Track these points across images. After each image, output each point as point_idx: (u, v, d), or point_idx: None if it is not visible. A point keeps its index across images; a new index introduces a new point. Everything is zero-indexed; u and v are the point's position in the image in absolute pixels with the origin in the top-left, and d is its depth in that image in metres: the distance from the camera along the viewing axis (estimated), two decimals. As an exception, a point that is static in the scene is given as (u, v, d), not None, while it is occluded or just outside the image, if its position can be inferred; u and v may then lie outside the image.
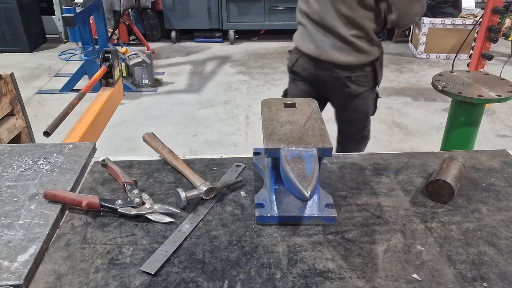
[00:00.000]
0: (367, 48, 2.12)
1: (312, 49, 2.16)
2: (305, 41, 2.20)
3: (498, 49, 5.93)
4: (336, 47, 2.10)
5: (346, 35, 2.06)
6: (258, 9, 6.56)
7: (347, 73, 2.16)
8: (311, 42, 2.16)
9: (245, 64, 5.87)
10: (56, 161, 1.25)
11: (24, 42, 6.21)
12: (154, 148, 1.32)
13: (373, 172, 1.26)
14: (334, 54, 2.11)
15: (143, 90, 5.00)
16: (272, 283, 0.88)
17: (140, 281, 0.88)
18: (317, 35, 2.14)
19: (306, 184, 0.90)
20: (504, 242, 0.99)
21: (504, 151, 1.38)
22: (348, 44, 2.09)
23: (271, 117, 1.15)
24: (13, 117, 2.34)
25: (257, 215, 1.05)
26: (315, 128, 1.09)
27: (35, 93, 4.90)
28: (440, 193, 1.13)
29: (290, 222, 1.05)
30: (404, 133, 4.03)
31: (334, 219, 1.05)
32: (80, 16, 4.15)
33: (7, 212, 1.04)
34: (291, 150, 1.01)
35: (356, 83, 2.19)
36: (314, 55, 2.16)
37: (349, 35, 2.07)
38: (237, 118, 4.30)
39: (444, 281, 0.89)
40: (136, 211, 1.06)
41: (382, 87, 5.06)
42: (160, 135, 1.39)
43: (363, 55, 2.13)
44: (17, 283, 0.85)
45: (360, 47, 2.10)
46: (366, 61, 2.15)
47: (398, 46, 6.63)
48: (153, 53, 6.08)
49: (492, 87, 2.39)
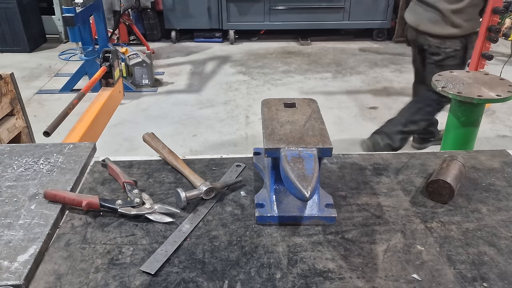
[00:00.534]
0: (462, 23, 2.64)
1: (412, 20, 2.96)
2: (410, 15, 3.02)
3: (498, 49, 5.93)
4: (432, 20, 2.73)
5: (444, 9, 2.64)
6: (258, 9, 6.56)
7: (438, 43, 2.78)
8: (413, 15, 2.95)
9: (245, 64, 5.87)
10: (56, 161, 1.25)
11: (24, 42, 6.21)
12: (154, 148, 1.32)
13: (373, 172, 1.26)
14: (429, 25, 2.76)
15: (143, 90, 5.00)
16: (272, 283, 0.88)
17: (140, 281, 0.88)
18: (418, 9, 2.87)
19: (306, 184, 0.90)
20: (504, 242, 0.99)
21: (504, 151, 1.38)
22: (444, 18, 2.66)
23: (271, 117, 1.15)
24: (13, 117, 2.34)
25: (257, 215, 1.05)
26: (315, 128, 1.09)
27: (35, 93, 4.90)
28: (440, 193, 1.13)
29: (290, 222, 1.05)
30: (404, 133, 4.02)
31: (334, 219, 1.05)
32: (80, 16, 4.15)
33: (7, 212, 1.05)
34: (291, 150, 1.01)
35: (443, 54, 2.80)
36: (414, 25, 2.93)
37: (447, 10, 2.63)
38: (237, 118, 4.30)
39: (444, 281, 0.89)
40: (136, 211, 1.06)
41: (382, 87, 5.08)
42: (160, 135, 1.39)
43: (456, 29, 2.67)
44: (17, 283, 0.85)
45: (455, 21, 2.64)
46: (457, 34, 2.71)
47: (398, 46, 6.63)
48: (153, 53, 6.08)
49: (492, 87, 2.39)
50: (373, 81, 5.27)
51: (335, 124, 4.13)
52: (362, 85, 5.15)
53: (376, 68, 5.70)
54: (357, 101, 4.70)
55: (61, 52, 6.26)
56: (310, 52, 6.38)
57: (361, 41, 6.85)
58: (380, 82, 5.26)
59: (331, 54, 6.28)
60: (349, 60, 6.01)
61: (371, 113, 4.42)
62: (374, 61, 5.98)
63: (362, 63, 5.89)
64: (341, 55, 6.24)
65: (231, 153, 1.39)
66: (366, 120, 4.27)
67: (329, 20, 6.67)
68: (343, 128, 4.09)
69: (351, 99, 4.75)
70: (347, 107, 4.54)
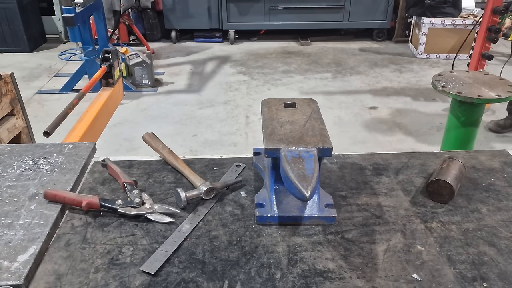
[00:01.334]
0: None
1: None
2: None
3: (498, 49, 5.93)
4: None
5: None
6: (258, 9, 6.56)
7: None
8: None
9: (245, 64, 5.87)
10: (56, 161, 1.25)
11: (24, 42, 6.21)
12: (154, 148, 1.32)
13: (373, 172, 1.26)
14: None
15: (143, 90, 5.00)
16: (272, 283, 0.88)
17: (140, 281, 0.88)
18: None
19: (306, 184, 0.90)
20: (504, 242, 0.99)
21: (504, 151, 1.38)
22: None
23: (271, 117, 1.15)
24: (13, 117, 2.34)
25: (257, 215, 1.05)
26: (315, 128, 1.09)
27: (35, 93, 4.90)
28: (440, 193, 1.13)
29: (290, 222, 1.05)
30: (404, 133, 4.03)
31: (334, 219, 1.05)
32: (80, 16, 4.15)
33: (7, 212, 1.04)
34: (291, 150, 1.01)
35: None
36: None
37: None
38: (237, 118, 4.31)
39: (444, 281, 0.89)
40: (136, 211, 1.06)
41: (382, 87, 5.09)
42: (160, 135, 1.39)
43: None
44: (17, 283, 0.85)
45: None
46: None
47: (398, 46, 6.63)
48: (153, 53, 6.08)
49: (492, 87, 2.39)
50: (373, 81, 5.27)
51: (335, 124, 4.13)
52: (362, 85, 5.15)
53: (376, 68, 5.70)
54: (357, 101, 4.70)
55: (61, 52, 6.26)
56: (310, 52, 6.38)
57: (361, 41, 6.85)
58: (380, 82, 5.26)
59: (331, 54, 6.28)
60: (349, 60, 6.01)
61: (371, 113, 4.42)
62: (374, 61, 5.98)
63: (362, 63, 5.89)
64: (341, 55, 6.24)
65: (231, 153, 1.39)
66: (366, 120, 4.27)
67: (329, 20, 6.67)
68: (343, 128, 4.09)
69: (351, 99, 4.76)
70: (347, 107, 4.54)
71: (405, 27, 6.72)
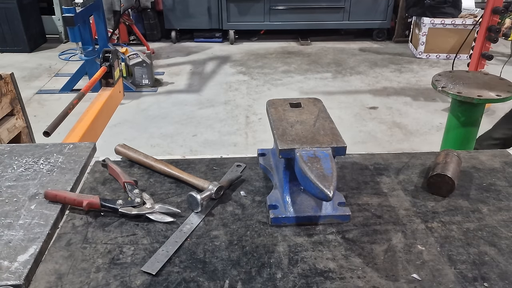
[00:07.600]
0: None
1: None
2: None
3: (498, 49, 5.93)
4: None
5: None
6: (258, 9, 6.56)
7: None
8: None
9: (245, 64, 5.87)
10: (56, 161, 1.25)
11: (24, 42, 6.21)
12: (135, 159, 1.26)
13: (373, 172, 1.26)
14: None
15: (143, 90, 5.00)
16: (273, 282, 0.88)
17: (141, 281, 0.88)
18: None
19: (328, 184, 0.90)
20: (505, 242, 0.99)
21: (505, 151, 1.38)
22: None
23: (280, 118, 1.14)
24: (13, 117, 2.33)
25: (271, 216, 1.04)
26: (326, 127, 1.09)
27: (35, 93, 4.90)
28: (440, 186, 1.14)
29: (305, 222, 1.04)
30: (404, 133, 4.03)
31: (349, 217, 1.05)
32: (80, 16, 4.15)
33: (7, 212, 1.04)
34: (306, 150, 1.00)
35: None
36: None
37: None
38: (237, 118, 4.30)
39: (445, 281, 0.89)
40: (137, 211, 1.06)
41: (382, 87, 5.09)
42: (160, 135, 1.39)
43: None
44: (17, 283, 0.85)
45: None
46: None
47: (398, 46, 6.63)
48: (153, 53, 6.08)
49: (492, 87, 2.39)
50: (373, 81, 5.27)
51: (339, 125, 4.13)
52: (362, 85, 5.15)
53: (376, 68, 5.70)
54: (357, 101, 4.70)
55: (61, 52, 6.26)
56: (310, 52, 6.38)
57: (361, 41, 6.85)
58: (380, 82, 5.26)
59: (331, 54, 6.28)
60: (349, 60, 6.01)
61: (371, 113, 4.42)
62: (374, 61, 5.98)
63: (362, 63, 5.89)
64: (341, 55, 6.24)
65: (231, 153, 1.39)
66: (366, 120, 4.27)
67: (329, 20, 6.67)
68: (343, 128, 4.09)
69: (351, 99, 4.76)
70: (347, 107, 4.54)
71: (405, 27, 6.72)
